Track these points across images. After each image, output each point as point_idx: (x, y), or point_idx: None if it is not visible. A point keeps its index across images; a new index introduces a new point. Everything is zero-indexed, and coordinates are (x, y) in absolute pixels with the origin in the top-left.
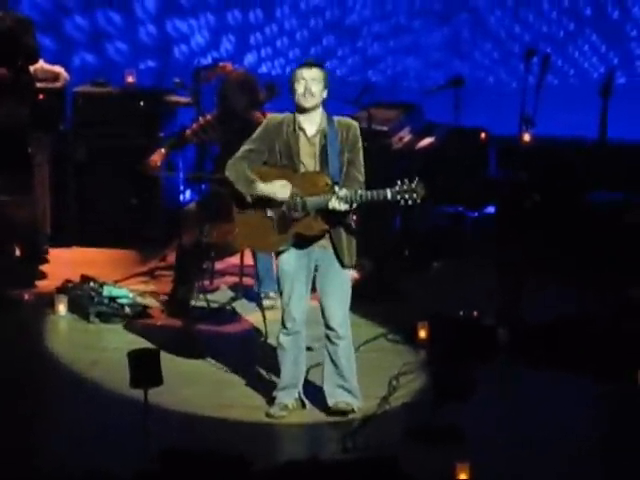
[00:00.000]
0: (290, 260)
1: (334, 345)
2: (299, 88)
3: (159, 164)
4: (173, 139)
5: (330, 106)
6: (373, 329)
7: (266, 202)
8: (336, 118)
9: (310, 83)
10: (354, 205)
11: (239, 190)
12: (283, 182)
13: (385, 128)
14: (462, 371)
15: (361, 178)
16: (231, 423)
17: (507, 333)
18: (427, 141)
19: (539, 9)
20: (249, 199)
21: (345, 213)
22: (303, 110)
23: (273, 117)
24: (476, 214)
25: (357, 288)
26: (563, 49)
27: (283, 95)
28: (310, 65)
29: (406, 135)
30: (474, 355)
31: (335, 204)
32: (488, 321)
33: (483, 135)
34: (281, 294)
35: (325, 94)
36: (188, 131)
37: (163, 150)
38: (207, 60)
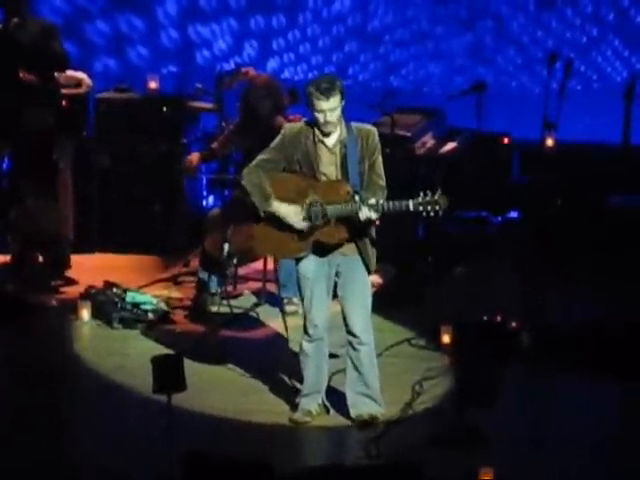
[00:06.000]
0: (310, 266)
1: (356, 351)
2: (319, 117)
3: (195, 164)
4: (204, 153)
5: (353, 111)
6: (396, 334)
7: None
8: (354, 125)
9: (329, 114)
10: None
11: (253, 202)
12: (298, 209)
13: (408, 133)
14: (486, 375)
15: (382, 182)
16: (254, 428)
17: (531, 337)
18: (450, 146)
19: (562, 14)
20: (262, 214)
21: (369, 222)
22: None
23: (291, 126)
24: (499, 219)
25: (380, 293)
26: (586, 54)
27: (305, 100)
28: (327, 95)
29: (429, 140)
30: (498, 359)
31: (366, 213)
32: (512, 325)
33: (506, 140)
34: (302, 300)
35: (342, 104)
36: (215, 145)
37: (198, 154)
38: (229, 65)
